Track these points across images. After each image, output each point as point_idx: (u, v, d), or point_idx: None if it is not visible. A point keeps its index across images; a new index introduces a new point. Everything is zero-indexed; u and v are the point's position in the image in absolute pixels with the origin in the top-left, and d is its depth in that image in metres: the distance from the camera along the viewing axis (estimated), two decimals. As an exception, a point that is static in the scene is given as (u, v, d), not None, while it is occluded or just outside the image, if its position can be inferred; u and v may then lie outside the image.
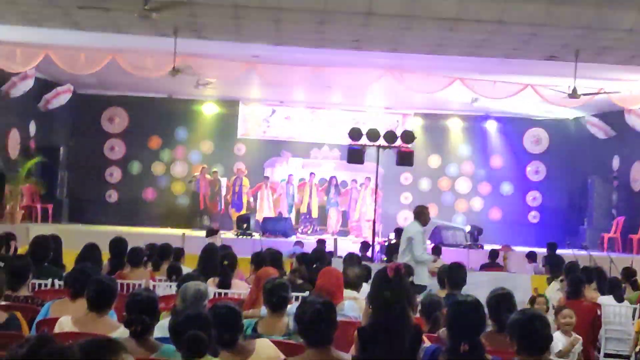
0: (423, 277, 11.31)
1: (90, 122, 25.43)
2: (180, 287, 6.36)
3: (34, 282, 8.21)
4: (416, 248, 11.56)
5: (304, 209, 23.68)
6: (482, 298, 5.65)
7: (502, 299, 6.17)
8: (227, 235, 19.91)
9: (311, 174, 24.23)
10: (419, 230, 11.78)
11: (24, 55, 18.55)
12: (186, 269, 9.93)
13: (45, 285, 8.47)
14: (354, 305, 7.45)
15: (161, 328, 5.57)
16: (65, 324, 5.79)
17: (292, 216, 23.47)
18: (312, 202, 23.74)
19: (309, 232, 23.04)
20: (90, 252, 9.26)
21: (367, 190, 23.59)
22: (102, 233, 16.72)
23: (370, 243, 17.61)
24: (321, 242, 16.57)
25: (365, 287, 8.69)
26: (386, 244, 18.56)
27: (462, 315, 5.02)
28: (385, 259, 16.58)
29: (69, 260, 9.71)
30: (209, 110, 25.51)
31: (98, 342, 3.64)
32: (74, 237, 13.53)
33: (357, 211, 23.65)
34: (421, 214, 11.99)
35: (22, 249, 10.86)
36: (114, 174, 25.64)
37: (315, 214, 23.67)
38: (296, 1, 13.15)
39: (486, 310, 5.51)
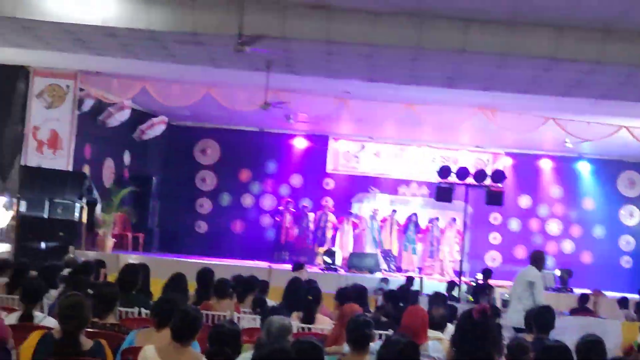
0: None
1: (182, 153, 25.81)
2: (265, 321, 6.35)
3: (121, 310, 8.30)
4: (540, 293, 11.47)
5: (387, 246, 23.51)
6: (571, 343, 5.50)
7: (592, 346, 5.96)
8: (312, 270, 19.99)
9: (393, 211, 24.08)
10: (539, 275, 11.71)
11: (121, 86, 19.05)
12: (271, 302, 9.94)
13: (132, 313, 8.54)
14: (438, 346, 7.32)
15: (243, 361, 5.57)
16: (149, 353, 5.82)
17: (377, 253, 23.29)
18: (392, 239, 23.59)
19: (386, 269, 22.88)
20: (177, 282, 9.35)
21: (452, 231, 23.37)
22: (190, 263, 16.90)
23: (457, 283, 17.39)
24: (410, 280, 16.43)
25: (450, 328, 8.56)
26: (473, 284, 18.31)
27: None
28: (471, 299, 16.35)
29: (156, 289, 9.81)
30: (299, 144, 25.66)
31: None
32: (163, 267, 13.69)
33: (442, 251, 23.39)
34: (539, 260, 11.97)
35: (112, 277, 11.03)
36: (205, 205, 25.96)
37: (395, 251, 23.49)
38: (389, 37, 13.16)
39: (575, 356, 5.35)
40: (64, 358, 5.51)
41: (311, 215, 24.24)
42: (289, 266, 20.34)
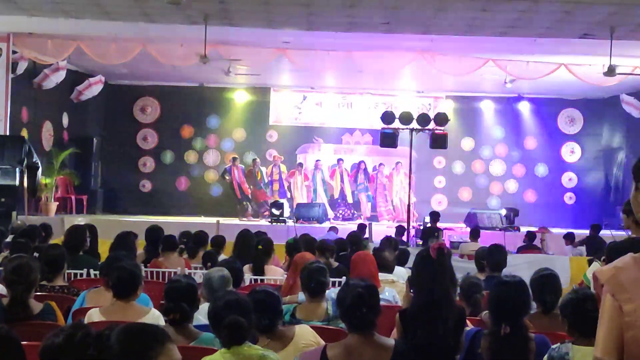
0: None
1: (122, 112, 25.46)
2: (204, 275, 6.33)
3: (70, 272, 8.18)
4: None
5: (336, 195, 23.58)
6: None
7: (547, 280, 5.99)
8: (260, 222, 20.00)
9: (339, 160, 24.09)
10: None
11: (55, 47, 18.58)
12: (223, 256, 9.86)
13: (81, 275, 8.44)
14: (392, 289, 7.34)
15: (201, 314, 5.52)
16: (94, 314, 5.73)
17: (325, 202, 23.31)
18: (345, 187, 23.63)
19: (347, 216, 22.99)
20: (123, 240, 9.22)
21: (400, 175, 23.46)
22: (137, 223, 16.73)
23: (406, 227, 17.47)
24: (362, 227, 16.35)
25: (399, 270, 8.61)
26: (421, 227, 18.43)
27: (504, 296, 4.92)
28: (420, 242, 16.45)
29: (103, 250, 9.68)
30: (240, 97, 25.42)
31: (139, 329, 3.24)
32: (109, 228, 13.52)
33: (394, 195, 23.52)
34: None
35: (58, 241, 10.85)
36: (147, 164, 25.67)
37: (350, 199, 23.56)
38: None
39: (530, 291, 5.38)
40: (14, 323, 5.37)
41: (263, 169, 23.97)
42: (236, 220, 20.57)
